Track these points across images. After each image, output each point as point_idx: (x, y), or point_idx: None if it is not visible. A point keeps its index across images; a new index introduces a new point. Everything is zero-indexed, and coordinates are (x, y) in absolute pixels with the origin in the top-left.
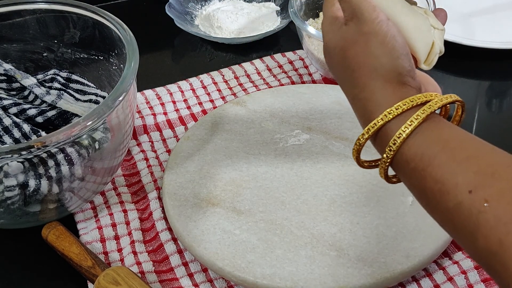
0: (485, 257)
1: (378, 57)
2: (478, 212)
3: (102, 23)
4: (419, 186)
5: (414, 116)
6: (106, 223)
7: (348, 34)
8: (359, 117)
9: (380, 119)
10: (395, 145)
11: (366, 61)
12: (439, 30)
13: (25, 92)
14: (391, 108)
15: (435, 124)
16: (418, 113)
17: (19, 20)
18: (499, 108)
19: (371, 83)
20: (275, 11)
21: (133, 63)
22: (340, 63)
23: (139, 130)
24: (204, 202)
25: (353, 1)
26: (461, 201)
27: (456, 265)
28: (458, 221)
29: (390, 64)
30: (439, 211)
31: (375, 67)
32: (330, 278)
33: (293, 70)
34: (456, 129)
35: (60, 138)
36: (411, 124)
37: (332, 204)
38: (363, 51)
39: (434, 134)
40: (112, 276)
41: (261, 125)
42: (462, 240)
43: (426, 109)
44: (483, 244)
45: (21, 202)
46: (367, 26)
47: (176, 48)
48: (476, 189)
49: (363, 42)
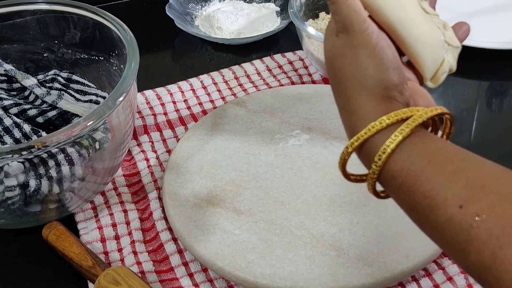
0: (478, 271)
1: (365, 69)
2: (469, 227)
3: (103, 23)
4: (407, 202)
5: (398, 131)
6: (107, 223)
7: (338, 45)
8: (346, 129)
9: (363, 133)
10: (380, 160)
11: (353, 73)
12: (453, 48)
13: (25, 93)
14: (374, 122)
15: (421, 138)
16: (402, 127)
17: (19, 21)
18: (499, 108)
19: (356, 96)
20: (275, 12)
21: (133, 64)
22: (331, 73)
23: (139, 130)
24: (204, 202)
25: (344, 13)
26: (451, 216)
27: (455, 265)
28: (449, 236)
29: (376, 77)
30: (429, 226)
31: (361, 80)
32: (330, 278)
33: (293, 70)
34: (443, 142)
35: (61, 138)
36: (395, 139)
37: (332, 204)
38: (350, 63)
39: (420, 148)
40: (113, 276)
41: (261, 125)
42: (453, 254)
43: (410, 123)
44: (475, 259)
45: (22, 202)
46: (356, 38)
47: (176, 48)
48: (467, 204)
49: (350, 53)
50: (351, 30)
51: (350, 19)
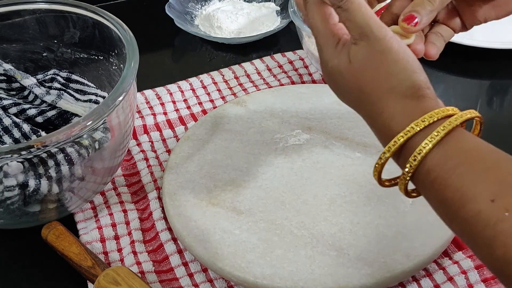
0: (503, 266)
1: (395, 74)
2: (496, 221)
3: (102, 23)
4: (439, 196)
5: (435, 133)
6: (106, 223)
7: (360, 54)
8: (379, 135)
9: (401, 136)
10: (415, 160)
11: (384, 80)
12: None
13: (25, 92)
14: (411, 125)
15: (457, 135)
16: (438, 129)
17: (18, 20)
18: (499, 108)
19: (390, 101)
20: (275, 11)
21: (133, 63)
22: (353, 85)
23: (139, 130)
24: (204, 202)
25: (360, 19)
26: (480, 210)
27: (456, 265)
28: (476, 230)
29: (408, 80)
30: (457, 221)
31: (394, 85)
32: (330, 278)
33: (293, 70)
34: (477, 140)
35: (60, 138)
36: (431, 140)
37: (332, 204)
38: (378, 70)
39: (456, 146)
40: (112, 276)
41: (261, 125)
42: (478, 249)
43: (446, 126)
44: (501, 253)
45: (21, 202)
46: (379, 44)
47: (176, 48)
48: (498, 198)
49: (377, 60)
50: (372, 36)
51: (369, 26)
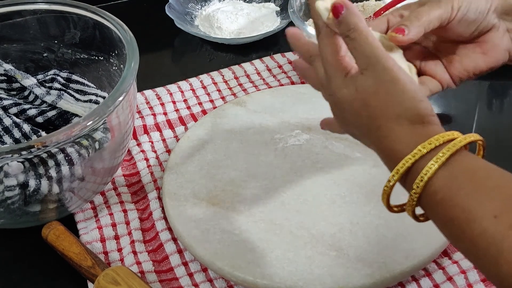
0: (509, 283)
1: (403, 103)
2: (502, 238)
3: (102, 23)
4: (445, 217)
5: (440, 154)
6: (106, 223)
7: (367, 84)
8: (386, 159)
9: (409, 158)
10: (422, 181)
11: (391, 107)
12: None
13: (25, 92)
14: (418, 148)
15: (461, 156)
16: (443, 150)
17: (19, 20)
18: (499, 108)
19: (396, 125)
20: (274, 12)
21: (133, 64)
22: (361, 112)
23: (139, 130)
24: (204, 202)
25: (367, 50)
26: (485, 228)
27: (455, 264)
28: (482, 248)
29: (414, 108)
30: (463, 240)
31: (401, 112)
32: (329, 278)
33: (293, 70)
34: (481, 161)
35: (60, 138)
36: (437, 161)
37: (332, 204)
38: (386, 98)
39: (460, 166)
40: (112, 276)
41: (261, 125)
42: (485, 268)
43: (451, 147)
44: (506, 270)
45: (21, 202)
46: (386, 74)
47: (176, 48)
48: (502, 215)
49: (384, 90)
50: (378, 66)
51: (375, 56)
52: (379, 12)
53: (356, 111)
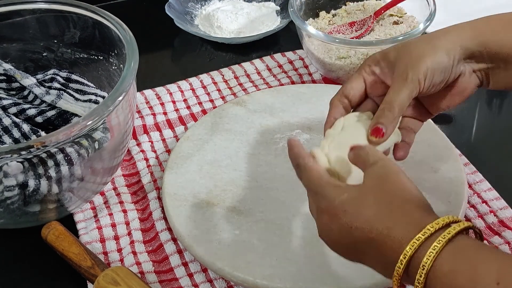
0: None
1: (414, 189)
2: None
3: (102, 23)
4: None
5: (432, 247)
6: (106, 223)
7: (383, 171)
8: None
9: (411, 245)
10: (422, 277)
11: (401, 194)
12: None
13: (24, 92)
14: (418, 235)
15: (462, 240)
16: (439, 238)
17: (19, 20)
18: (499, 108)
19: (407, 213)
20: (275, 11)
21: (132, 63)
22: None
23: (139, 130)
24: (204, 202)
25: (370, 152)
26: None
27: None
28: None
29: (420, 195)
30: None
31: (409, 198)
32: (330, 278)
33: (293, 70)
34: (477, 242)
35: (60, 138)
36: (430, 255)
37: None
38: (397, 186)
39: (461, 250)
40: (112, 276)
41: (261, 125)
42: None
43: (451, 230)
44: None
45: (21, 202)
46: (395, 165)
47: (176, 48)
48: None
49: (393, 178)
50: (380, 162)
51: (382, 159)
52: (379, 12)
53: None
